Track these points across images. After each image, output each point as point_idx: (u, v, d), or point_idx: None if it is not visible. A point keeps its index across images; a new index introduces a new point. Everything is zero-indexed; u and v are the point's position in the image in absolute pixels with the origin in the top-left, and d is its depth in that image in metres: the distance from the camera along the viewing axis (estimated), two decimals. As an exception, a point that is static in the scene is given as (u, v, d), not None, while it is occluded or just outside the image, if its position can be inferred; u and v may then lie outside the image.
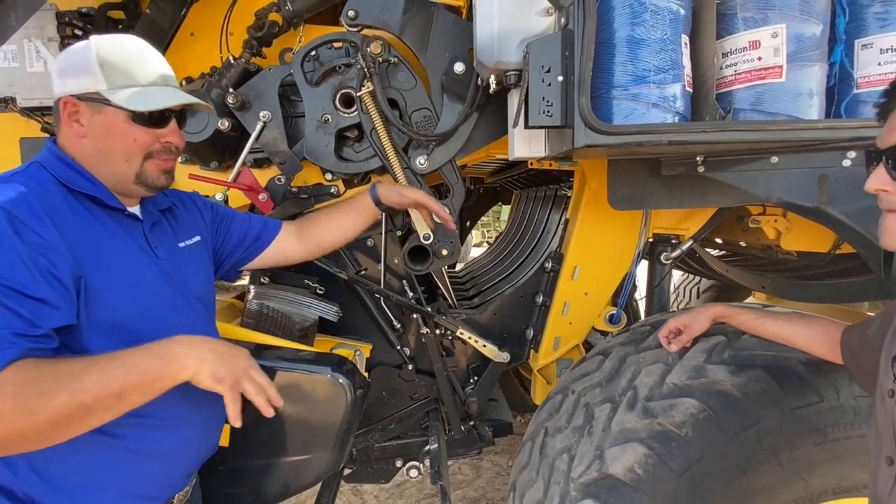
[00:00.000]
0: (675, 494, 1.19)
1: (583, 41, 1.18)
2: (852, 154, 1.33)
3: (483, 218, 6.84)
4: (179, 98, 1.09)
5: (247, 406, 1.03)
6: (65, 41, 1.63)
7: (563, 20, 1.27)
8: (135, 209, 1.14)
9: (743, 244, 2.36)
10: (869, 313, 2.91)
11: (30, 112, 1.70)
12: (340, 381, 1.36)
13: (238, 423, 0.99)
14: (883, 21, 1.32)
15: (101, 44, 1.03)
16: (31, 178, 0.98)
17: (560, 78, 1.25)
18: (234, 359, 1.01)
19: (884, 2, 1.32)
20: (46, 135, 1.79)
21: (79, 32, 1.64)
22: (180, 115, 1.14)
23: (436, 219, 1.55)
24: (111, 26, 1.73)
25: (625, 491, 1.22)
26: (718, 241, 2.57)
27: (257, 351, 1.39)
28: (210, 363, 0.96)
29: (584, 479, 1.28)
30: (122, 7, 1.75)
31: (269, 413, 1.03)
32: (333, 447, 1.37)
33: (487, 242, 9.43)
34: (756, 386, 1.22)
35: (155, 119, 1.06)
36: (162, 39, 1.70)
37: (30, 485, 0.97)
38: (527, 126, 1.30)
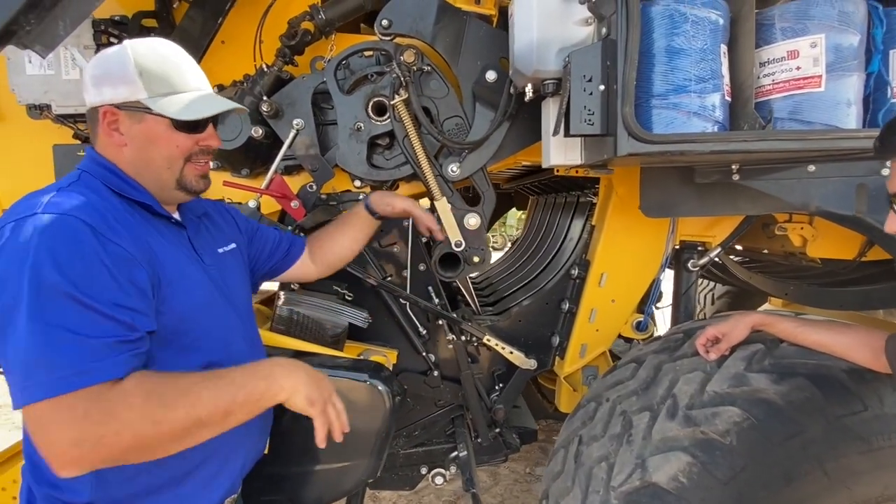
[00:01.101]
0: (721, 503, 1.19)
1: (626, 51, 1.19)
2: (890, 163, 1.33)
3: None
4: (222, 105, 1.10)
5: (290, 413, 1.04)
6: (100, 49, 1.65)
7: (603, 30, 1.29)
8: (176, 216, 1.15)
9: (765, 251, 2.36)
10: (887, 320, 2.90)
11: (63, 119, 1.71)
12: (380, 387, 1.36)
13: (323, 444, 1.04)
14: (919, 31, 1.33)
15: (138, 51, 1.02)
16: (88, 189, 0.99)
17: (602, 87, 1.26)
18: (323, 382, 1.05)
19: (919, 12, 1.33)
20: (78, 141, 1.81)
21: (114, 40, 1.66)
22: (214, 116, 1.14)
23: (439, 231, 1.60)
24: (144, 35, 1.75)
25: (668, 500, 1.21)
26: (739, 248, 2.58)
27: (296, 357, 1.39)
28: (305, 386, 1.00)
29: (625, 488, 1.27)
30: (155, 15, 1.77)
31: (338, 438, 1.07)
32: (372, 454, 1.37)
33: (493, 247, 9.43)
34: (799, 394, 1.22)
35: (194, 124, 1.07)
36: (197, 48, 1.71)
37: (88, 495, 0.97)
38: (567, 134, 1.31)
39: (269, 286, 1.86)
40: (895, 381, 1.12)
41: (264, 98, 1.67)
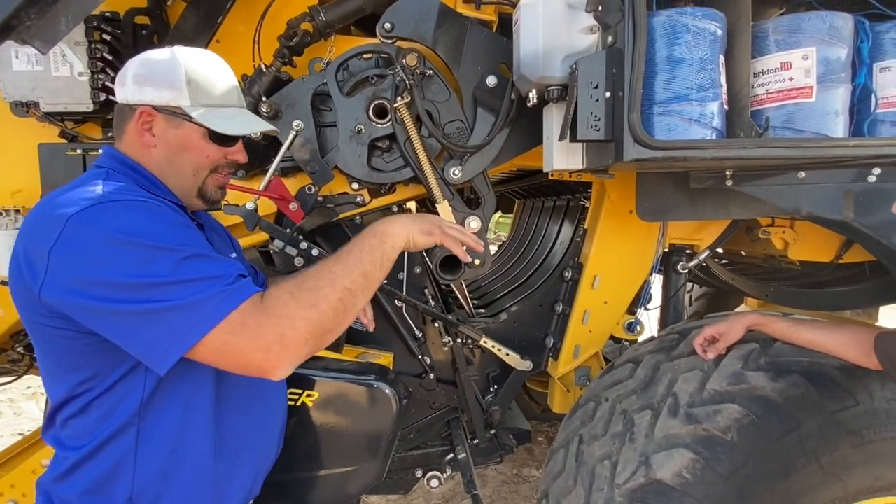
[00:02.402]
0: (723, 498, 1.23)
1: (633, 60, 1.22)
2: (877, 170, 1.41)
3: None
4: (261, 125, 1.15)
5: (296, 418, 1.05)
6: (91, 45, 1.60)
7: (609, 39, 1.32)
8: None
9: (744, 253, 2.45)
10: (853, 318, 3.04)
11: (51, 117, 1.66)
12: (386, 390, 1.36)
13: (480, 247, 1.29)
14: (900, 46, 1.41)
15: (189, 60, 1.04)
16: (125, 182, 0.99)
17: (608, 94, 1.29)
18: (427, 217, 1.19)
19: (901, 28, 1.41)
20: (65, 140, 1.75)
21: (106, 37, 1.62)
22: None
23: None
24: (137, 32, 1.71)
25: (673, 496, 1.25)
26: (720, 251, 2.66)
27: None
28: (414, 224, 1.12)
29: (630, 485, 1.30)
30: (148, 13, 1.73)
31: (466, 258, 1.27)
32: (379, 457, 1.36)
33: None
34: (796, 391, 1.27)
35: (227, 137, 1.09)
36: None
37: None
38: (573, 140, 1.34)
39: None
40: (891, 375, 1.17)
41: (263, 99, 1.65)
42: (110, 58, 1.60)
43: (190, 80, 1.03)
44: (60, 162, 1.66)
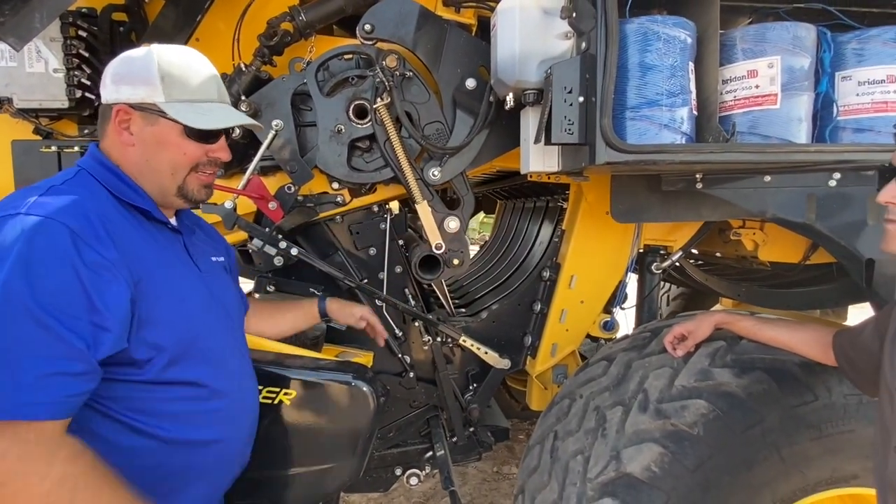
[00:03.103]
0: (689, 490, 1.27)
1: (605, 65, 1.26)
2: (837, 175, 1.47)
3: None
4: (237, 118, 1.11)
5: (271, 416, 1.05)
6: (67, 42, 1.59)
7: (583, 44, 1.35)
8: (173, 221, 1.14)
9: (719, 254, 2.51)
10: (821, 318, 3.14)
11: (25, 113, 1.63)
12: (364, 388, 1.37)
13: None
14: (860, 57, 1.47)
15: (164, 55, 1.02)
16: (83, 188, 0.96)
17: (581, 99, 1.32)
18: None
19: (860, 40, 1.47)
20: (39, 137, 1.73)
21: (82, 33, 1.60)
22: (227, 128, 1.14)
23: None
24: (114, 29, 1.69)
25: (642, 489, 1.29)
26: (695, 251, 2.73)
27: (280, 359, 1.39)
28: None
29: (601, 479, 1.34)
30: (126, 9, 1.71)
31: None
32: (356, 455, 1.38)
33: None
34: (759, 387, 1.32)
35: (206, 134, 1.06)
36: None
37: None
38: (548, 143, 1.37)
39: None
40: (844, 372, 1.23)
41: (242, 98, 1.65)
42: (86, 54, 1.59)
43: (164, 76, 1.00)
44: (35, 159, 1.64)
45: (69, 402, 0.84)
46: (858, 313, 2.94)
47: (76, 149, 1.63)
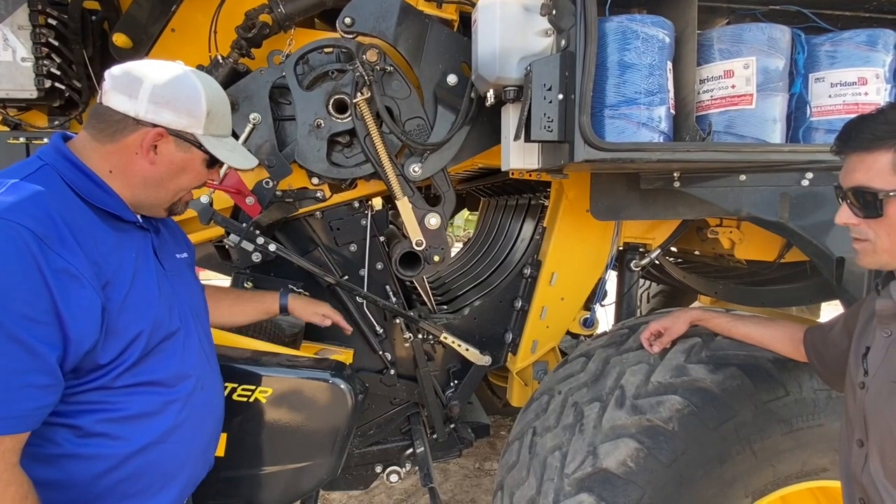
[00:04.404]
0: (664, 484, 1.29)
1: (584, 63, 1.26)
2: (810, 175, 1.49)
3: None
4: (254, 162, 1.22)
5: (244, 415, 1.04)
6: (36, 30, 1.54)
7: (562, 42, 1.36)
8: (139, 219, 1.11)
9: (697, 253, 2.55)
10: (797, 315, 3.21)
11: (-9, 104, 1.59)
12: (342, 386, 1.36)
13: None
14: (832, 59, 1.50)
15: (209, 92, 1.07)
16: (47, 186, 0.92)
17: (560, 96, 1.33)
18: None
19: (833, 42, 1.50)
20: (7, 128, 1.68)
21: (52, 21, 1.55)
22: None
23: None
24: (86, 17, 1.65)
25: (618, 483, 1.30)
26: (674, 249, 2.77)
27: (256, 357, 1.37)
28: None
29: (578, 475, 1.35)
30: (98, -2, 1.67)
31: None
32: (333, 453, 1.37)
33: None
34: (732, 382, 1.35)
35: (215, 163, 1.13)
36: (147, 37, 1.63)
37: None
38: (528, 140, 1.37)
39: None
40: (813, 368, 1.25)
41: (219, 91, 1.62)
42: (56, 43, 1.54)
43: (210, 112, 1.05)
44: (2, 151, 1.59)
45: (34, 415, 0.84)
46: (832, 310, 3.02)
47: (45, 140, 1.59)
